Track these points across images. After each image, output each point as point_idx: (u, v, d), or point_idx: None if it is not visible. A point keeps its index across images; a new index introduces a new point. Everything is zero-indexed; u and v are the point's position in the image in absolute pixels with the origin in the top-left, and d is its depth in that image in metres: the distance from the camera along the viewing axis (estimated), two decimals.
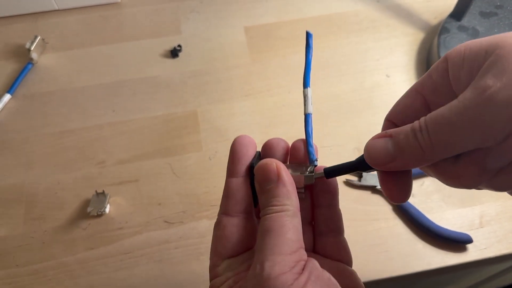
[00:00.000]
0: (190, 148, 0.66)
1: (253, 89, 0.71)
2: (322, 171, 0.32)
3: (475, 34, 0.72)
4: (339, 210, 0.35)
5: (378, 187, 0.61)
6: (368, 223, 0.59)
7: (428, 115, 0.25)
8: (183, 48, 0.76)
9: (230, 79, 0.73)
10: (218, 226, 0.31)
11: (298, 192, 0.30)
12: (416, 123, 0.26)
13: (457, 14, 0.74)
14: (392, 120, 0.31)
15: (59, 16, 0.80)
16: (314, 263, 0.27)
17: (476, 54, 0.24)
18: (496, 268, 0.91)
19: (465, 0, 0.71)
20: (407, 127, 0.26)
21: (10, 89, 0.70)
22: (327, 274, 0.27)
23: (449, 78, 0.27)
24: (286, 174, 0.30)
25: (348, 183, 0.62)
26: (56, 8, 0.80)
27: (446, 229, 0.57)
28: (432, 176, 0.28)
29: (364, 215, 0.60)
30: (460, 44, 0.26)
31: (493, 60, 0.23)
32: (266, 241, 0.27)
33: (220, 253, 0.31)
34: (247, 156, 0.32)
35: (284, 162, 0.34)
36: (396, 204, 0.32)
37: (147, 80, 0.73)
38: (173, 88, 0.72)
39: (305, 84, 0.32)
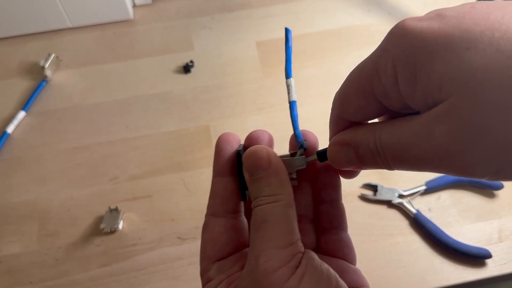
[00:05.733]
0: (203, 163, 0.65)
1: (265, 103, 0.71)
2: (315, 154, 0.30)
3: None
4: (342, 205, 0.32)
5: (394, 201, 0.60)
6: (384, 239, 0.58)
7: (384, 138, 0.23)
8: (195, 63, 0.76)
9: (242, 93, 0.73)
10: (206, 228, 0.30)
11: (290, 179, 0.28)
12: (372, 143, 0.24)
13: None
14: (346, 118, 0.27)
15: (73, 33, 0.81)
16: (312, 255, 0.26)
17: (430, 59, 0.20)
18: None
19: None
20: (366, 140, 0.25)
21: (24, 106, 0.71)
22: (325, 265, 0.26)
23: (399, 86, 0.23)
24: (277, 161, 0.28)
25: (363, 198, 0.61)
26: (70, 25, 0.81)
27: (464, 244, 0.56)
28: None
29: (380, 230, 0.59)
30: (403, 31, 0.21)
31: (464, 81, 0.19)
32: (260, 234, 0.25)
33: (210, 256, 0.29)
34: (233, 154, 0.30)
35: None
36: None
37: (160, 96, 0.73)
38: (185, 103, 0.72)
39: (287, 75, 0.31)
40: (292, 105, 0.31)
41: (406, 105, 0.23)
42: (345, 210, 0.32)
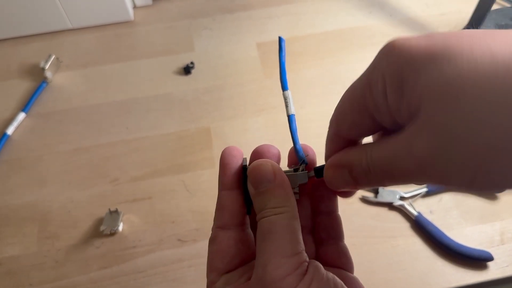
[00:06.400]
0: (203, 164, 0.65)
1: (266, 104, 0.71)
2: (313, 170, 0.31)
3: None
4: (339, 216, 0.33)
5: (395, 203, 0.60)
6: (385, 241, 0.58)
7: (374, 156, 0.24)
8: (195, 65, 0.76)
9: (243, 95, 0.72)
10: (214, 241, 0.30)
11: None
12: (365, 162, 0.25)
13: (472, 27, 0.73)
14: (342, 135, 0.28)
15: (73, 35, 0.81)
16: (317, 264, 0.27)
17: (416, 76, 0.21)
18: None
19: (480, 12, 0.71)
20: (359, 160, 0.26)
21: (25, 107, 0.71)
22: (330, 274, 0.26)
23: (387, 101, 0.23)
24: (282, 174, 0.28)
25: (364, 200, 0.61)
26: (70, 27, 0.81)
27: (466, 246, 0.56)
28: None
29: (381, 232, 0.58)
30: (394, 48, 0.22)
31: (445, 93, 0.20)
32: (267, 244, 0.26)
33: (218, 268, 0.29)
34: (239, 168, 0.31)
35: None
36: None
37: (160, 97, 0.73)
38: (186, 104, 0.72)
39: (284, 87, 0.32)
40: (290, 118, 0.32)
41: (396, 120, 0.23)
42: (347, 212, 0.32)
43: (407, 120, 0.22)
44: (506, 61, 0.18)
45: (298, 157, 0.31)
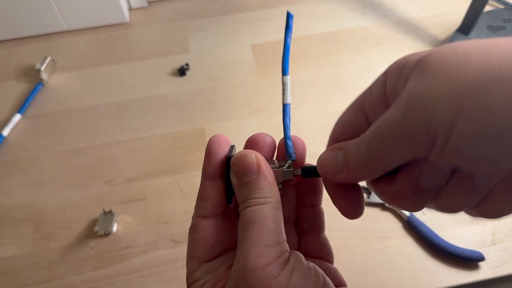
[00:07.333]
0: (198, 165, 0.65)
1: (260, 106, 0.71)
2: (300, 169, 0.30)
3: None
4: (322, 209, 0.34)
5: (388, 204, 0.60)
6: (378, 241, 0.58)
7: (366, 137, 0.25)
8: (190, 66, 0.76)
9: (237, 96, 0.73)
10: (194, 229, 0.29)
11: None
12: (361, 136, 0.25)
13: (465, 28, 0.74)
14: (338, 139, 0.29)
15: (69, 36, 0.82)
16: (298, 254, 0.27)
17: (411, 65, 0.23)
18: (509, 287, 0.88)
19: (473, 14, 0.71)
20: (355, 140, 0.26)
21: (20, 109, 0.71)
22: (311, 264, 0.27)
23: (386, 92, 0.26)
24: (266, 165, 0.28)
25: None
26: (66, 28, 0.81)
27: (458, 247, 0.56)
28: (381, 200, 0.28)
29: (373, 233, 0.59)
30: (402, 57, 0.25)
31: (419, 67, 0.22)
32: (249, 233, 0.26)
33: (198, 256, 0.29)
34: (224, 158, 0.30)
35: (270, 159, 0.32)
36: (350, 219, 0.31)
37: (155, 98, 0.73)
38: (180, 106, 0.72)
39: (284, 71, 0.30)
40: (285, 108, 0.31)
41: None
42: (339, 212, 0.32)
43: None
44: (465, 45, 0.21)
45: (287, 152, 0.30)
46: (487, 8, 0.75)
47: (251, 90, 0.74)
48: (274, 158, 0.32)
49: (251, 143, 0.32)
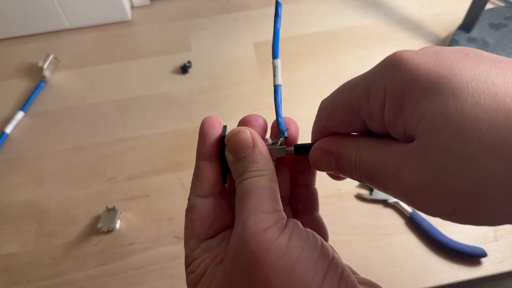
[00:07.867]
0: None
1: (262, 104, 0.71)
2: (293, 146, 0.31)
3: (485, 45, 0.72)
4: (316, 189, 0.34)
5: (390, 200, 0.60)
6: (380, 238, 0.58)
7: (363, 157, 0.25)
8: (192, 64, 0.76)
9: (239, 94, 0.73)
10: (192, 208, 0.29)
11: None
12: (354, 158, 0.26)
13: (466, 26, 0.74)
14: (325, 126, 0.29)
15: (71, 34, 0.82)
16: (295, 220, 0.27)
17: (420, 105, 0.21)
18: None
19: (474, 12, 0.71)
20: (348, 154, 0.26)
21: (23, 106, 0.71)
22: (309, 229, 0.27)
23: (384, 115, 0.24)
24: (260, 140, 0.29)
25: (359, 197, 0.61)
26: (69, 26, 0.81)
27: (460, 243, 0.56)
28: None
29: (375, 230, 0.59)
30: (398, 62, 0.23)
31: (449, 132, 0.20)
32: (246, 203, 0.26)
33: (197, 234, 0.29)
34: (218, 137, 0.31)
35: (263, 138, 0.32)
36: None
37: (157, 96, 0.73)
38: (182, 104, 0.72)
39: (274, 55, 0.31)
40: (276, 89, 0.32)
41: (387, 131, 0.24)
42: (341, 209, 0.33)
43: (401, 137, 0.23)
44: (507, 105, 0.18)
45: (279, 130, 0.31)
46: (489, 6, 0.75)
47: (252, 88, 0.74)
48: (267, 137, 0.33)
49: (243, 123, 0.32)
